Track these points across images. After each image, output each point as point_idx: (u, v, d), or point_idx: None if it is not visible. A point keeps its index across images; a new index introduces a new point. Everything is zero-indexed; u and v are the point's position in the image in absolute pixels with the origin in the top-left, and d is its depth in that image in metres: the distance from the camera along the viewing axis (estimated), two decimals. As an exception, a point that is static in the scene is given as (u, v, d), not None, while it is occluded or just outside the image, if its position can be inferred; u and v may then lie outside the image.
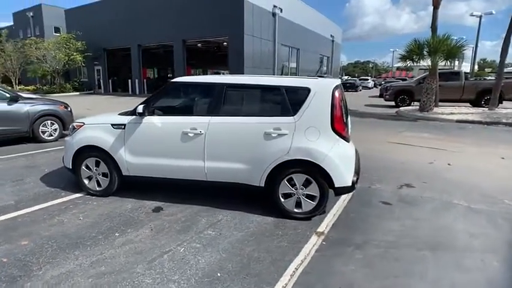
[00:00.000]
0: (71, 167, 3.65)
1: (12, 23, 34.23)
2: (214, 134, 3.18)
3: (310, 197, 3.09)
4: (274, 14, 19.95)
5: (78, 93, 25.34)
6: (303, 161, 2.98)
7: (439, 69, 12.58)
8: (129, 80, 23.66)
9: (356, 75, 62.41)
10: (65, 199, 3.52)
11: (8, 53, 25.65)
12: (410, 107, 13.56)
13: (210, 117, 3.21)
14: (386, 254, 2.50)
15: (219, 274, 2.21)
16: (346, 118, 3.17)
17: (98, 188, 3.61)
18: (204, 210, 3.31)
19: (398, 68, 56.59)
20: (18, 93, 6.15)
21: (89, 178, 3.62)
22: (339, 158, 2.97)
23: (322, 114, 2.99)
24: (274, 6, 19.77)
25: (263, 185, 3.13)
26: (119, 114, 3.62)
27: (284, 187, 3.10)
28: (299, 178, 3.06)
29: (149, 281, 2.11)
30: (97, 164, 3.55)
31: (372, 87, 36.84)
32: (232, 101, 3.27)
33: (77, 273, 2.18)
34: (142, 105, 3.29)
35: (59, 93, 24.02)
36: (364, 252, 2.54)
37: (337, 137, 3.01)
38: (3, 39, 26.85)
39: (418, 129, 8.92)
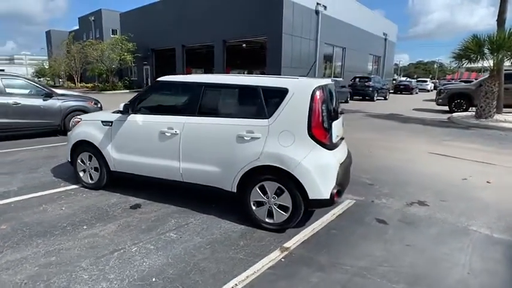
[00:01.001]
0: (69, 160, 4.01)
1: (78, 27, 39.31)
2: (189, 135, 3.18)
3: (283, 208, 2.89)
4: (317, 12, 19.43)
5: (128, 90, 27.89)
6: (274, 168, 2.81)
7: (506, 69, 10.85)
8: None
9: (415, 76, 57.36)
10: (60, 189, 3.87)
11: (72, 53, 29.49)
12: (466, 113, 11.95)
13: (186, 117, 3.22)
14: (348, 283, 2.21)
15: (154, 279, 2.19)
16: (329, 123, 2.89)
17: (90, 181, 3.89)
18: (179, 211, 3.34)
19: (468, 70, 50.33)
20: (53, 90, 6.98)
21: (84, 171, 3.93)
22: (314, 167, 2.73)
23: (299, 117, 2.78)
24: (318, 4, 19.25)
25: (235, 191, 3.03)
26: (112, 112, 3.85)
27: (256, 194, 2.96)
28: (271, 186, 2.89)
29: (86, 277, 2.19)
30: (90, 159, 3.83)
31: (431, 90, 33.49)
32: (209, 101, 3.23)
33: (29, 260, 2.36)
34: (124, 103, 3.45)
35: (111, 90, 26.76)
36: (324, 276, 2.28)
37: (314, 143, 2.77)
38: (69, 41, 30.97)
39: (468, 139, 7.82)
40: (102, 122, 3.66)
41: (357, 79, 20.15)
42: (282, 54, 16.97)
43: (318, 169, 2.74)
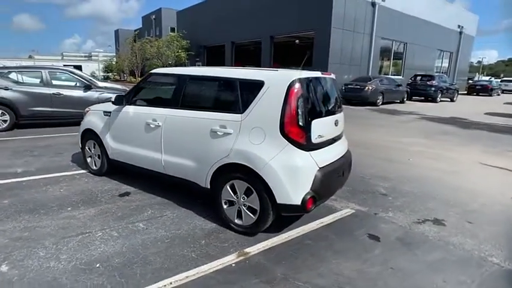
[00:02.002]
0: (80, 147, 4.43)
1: (141, 26, 43.40)
2: (170, 127, 3.23)
3: (252, 210, 2.74)
4: (373, 4, 18.10)
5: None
6: (243, 167, 2.68)
7: None
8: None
9: (501, 75, 49.44)
10: (70, 173, 4.29)
11: (134, 50, 32.66)
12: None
13: (168, 109, 3.28)
14: (292, 300, 1.99)
15: (98, 265, 2.26)
16: (307, 120, 2.61)
17: (94, 168, 4.24)
18: (162, 203, 3.42)
19: None
20: (94, 82, 7.79)
21: (90, 157, 4.30)
22: (283, 168, 2.52)
23: (272, 113, 2.59)
24: (375, -6, 17.94)
25: (208, 187, 2.99)
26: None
27: (226, 193, 2.86)
28: (240, 186, 2.76)
29: (41, 254, 2.37)
30: (94, 146, 4.17)
31: (520, 91, 28.59)
32: (189, 94, 3.23)
33: (6, 233, 2.66)
34: (118, 94, 3.67)
35: (166, 86, 28.90)
36: (268, 289, 2.09)
37: (287, 142, 2.56)
38: (132, 39, 34.34)
39: (542, 151, 6.48)
40: (104, 112, 3.95)
41: (418, 77, 18.23)
42: (329, 50, 16.24)
43: (287, 171, 2.53)
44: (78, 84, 7.54)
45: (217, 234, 2.81)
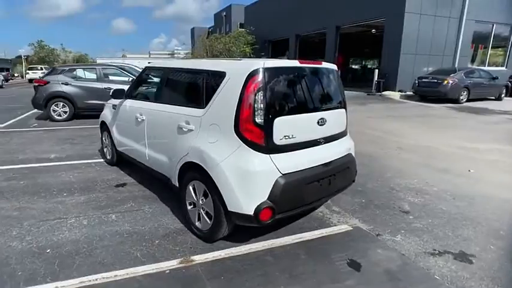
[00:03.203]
0: (100, 137, 4.90)
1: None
2: (150, 121, 3.30)
3: (208, 215, 2.59)
4: (466, -22, 15.37)
5: (244, 82, 30.85)
6: (199, 166, 2.54)
7: None
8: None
9: None
10: (90, 161, 4.78)
11: (205, 47, 34.95)
12: None
13: (150, 103, 3.35)
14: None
15: (48, 251, 2.42)
16: (269, 118, 2.28)
17: (108, 158, 4.64)
18: (147, 196, 3.52)
19: None
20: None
21: (106, 148, 4.72)
22: (234, 172, 2.29)
23: (228, 108, 2.37)
24: (468, -33, 15.20)
25: (177, 185, 2.94)
26: None
27: (189, 194, 2.75)
28: (199, 187, 2.62)
29: (14, 234, 2.66)
30: (107, 137, 4.56)
31: None
32: (165, 87, 3.22)
33: (1, 211, 3.10)
34: (116, 89, 3.90)
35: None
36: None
37: (241, 142, 2.31)
38: (204, 36, 36.75)
39: None
40: (112, 105, 4.26)
41: (527, 68, 14.82)
42: (402, 37, 14.43)
43: (239, 175, 2.28)
44: (127, 80, 8.39)
45: (176, 235, 2.74)
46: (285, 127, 2.37)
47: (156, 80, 3.56)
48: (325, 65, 2.82)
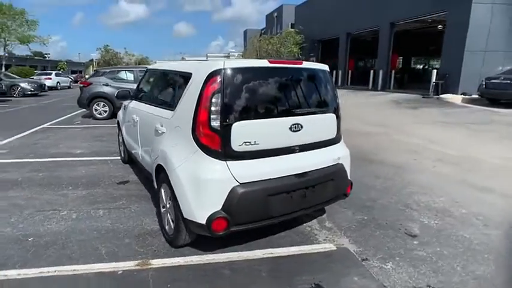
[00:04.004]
0: (117, 136, 5.28)
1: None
2: (140, 122, 3.46)
3: (172, 219, 2.59)
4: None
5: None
6: (164, 169, 2.57)
7: None
8: (334, 72, 25.18)
9: None
10: (107, 158, 5.17)
11: (255, 48, 35.57)
12: None
13: (143, 104, 3.50)
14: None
15: (30, 239, 2.67)
16: (226, 123, 2.20)
17: (122, 156, 4.97)
18: (140, 195, 3.67)
19: None
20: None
21: (120, 146, 5.06)
22: (189, 177, 2.26)
23: (188, 111, 2.35)
24: None
25: (156, 186, 3.01)
26: None
27: (161, 196, 2.79)
28: (166, 190, 2.64)
29: (11, 220, 2.99)
30: (120, 136, 4.89)
31: None
32: (153, 89, 3.37)
33: (12, 199, 3.48)
34: (121, 90, 4.16)
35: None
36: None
37: (197, 147, 2.27)
38: (255, 38, 37.42)
39: None
40: (124, 106, 4.57)
41: None
42: (468, 32, 12.83)
43: (192, 181, 2.24)
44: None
45: (148, 237, 2.80)
46: (246, 133, 2.26)
47: (149, 81, 3.72)
48: (308, 64, 2.63)
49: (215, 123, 2.20)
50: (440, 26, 18.63)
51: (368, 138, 6.99)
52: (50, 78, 23.11)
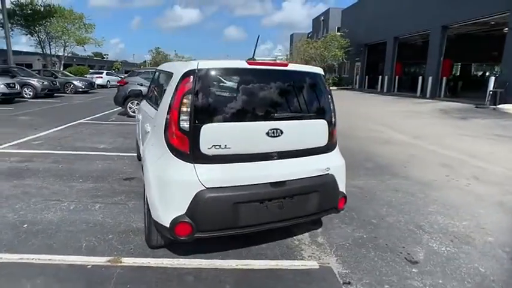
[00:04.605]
0: (138, 134, 5.51)
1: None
2: (141, 120, 3.57)
3: (147, 219, 2.61)
4: None
5: (335, 87, 29.76)
6: None
7: None
8: (380, 77, 23.95)
9: None
10: (125, 154, 5.42)
11: (299, 51, 35.24)
12: None
13: (145, 103, 3.60)
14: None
15: (25, 226, 2.86)
16: (196, 125, 2.14)
17: (137, 154, 5.18)
18: (141, 194, 3.74)
19: None
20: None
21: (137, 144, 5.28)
22: (157, 178, 2.27)
23: (164, 112, 2.34)
24: None
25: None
26: None
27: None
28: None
29: (16, 207, 3.25)
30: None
31: None
32: (152, 88, 3.39)
33: (26, 187, 3.79)
34: (132, 89, 4.31)
35: (318, 87, 29.71)
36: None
37: (167, 148, 2.25)
38: (299, 42, 37.10)
39: None
40: (140, 106, 4.75)
41: None
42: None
43: (159, 182, 2.24)
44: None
45: (131, 234, 2.84)
46: (216, 135, 2.18)
47: (152, 81, 3.83)
48: (295, 67, 2.48)
49: (184, 124, 2.16)
50: (506, 28, 16.73)
51: (398, 149, 6.49)
52: (101, 77, 25.21)
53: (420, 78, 18.28)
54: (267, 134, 2.27)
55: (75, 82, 18.23)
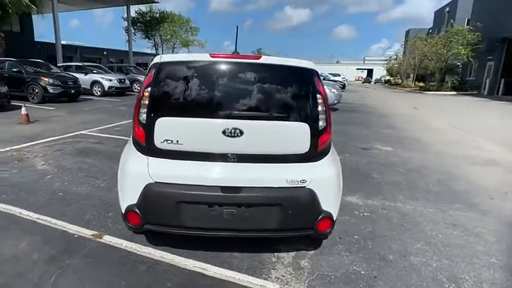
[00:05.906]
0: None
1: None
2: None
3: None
4: None
5: (455, 92, 25.55)
6: None
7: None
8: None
9: None
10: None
11: (412, 49, 31.46)
12: None
13: None
14: None
15: (60, 194, 3.52)
16: (151, 118, 2.21)
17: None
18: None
19: None
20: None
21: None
22: (120, 166, 2.46)
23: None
24: None
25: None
26: None
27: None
28: None
29: (66, 178, 4.00)
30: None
31: None
32: None
33: (82, 163, 4.63)
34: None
35: (435, 91, 26.03)
36: None
37: (131, 139, 2.46)
38: (412, 40, 33.09)
39: None
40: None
41: None
42: None
43: (120, 172, 2.42)
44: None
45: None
46: (169, 130, 2.21)
47: None
48: (270, 60, 2.26)
49: (142, 117, 2.26)
50: None
51: (478, 169, 4.92)
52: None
53: None
54: (224, 133, 2.16)
55: (141, 79, 20.12)
